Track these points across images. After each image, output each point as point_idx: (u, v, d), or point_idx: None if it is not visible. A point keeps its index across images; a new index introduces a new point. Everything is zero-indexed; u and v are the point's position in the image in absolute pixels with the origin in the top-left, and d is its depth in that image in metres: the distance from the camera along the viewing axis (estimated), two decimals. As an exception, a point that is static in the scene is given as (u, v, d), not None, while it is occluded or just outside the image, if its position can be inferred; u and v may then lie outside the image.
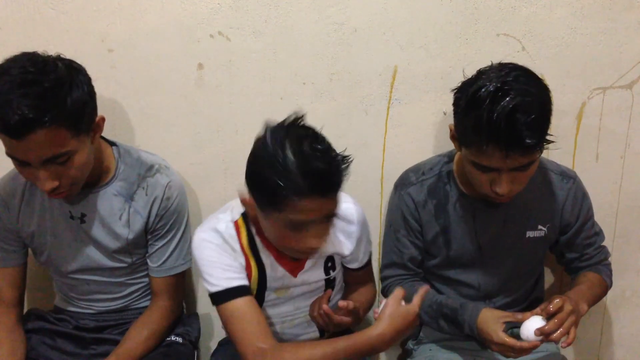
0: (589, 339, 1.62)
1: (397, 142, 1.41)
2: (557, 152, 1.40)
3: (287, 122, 1.00)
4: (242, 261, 1.11)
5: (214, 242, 1.09)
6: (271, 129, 0.98)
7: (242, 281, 1.09)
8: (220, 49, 1.32)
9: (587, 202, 1.29)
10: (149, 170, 1.23)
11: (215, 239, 1.10)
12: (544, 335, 1.07)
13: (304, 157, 0.93)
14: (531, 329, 1.08)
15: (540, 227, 1.26)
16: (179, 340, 1.29)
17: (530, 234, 1.26)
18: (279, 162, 0.93)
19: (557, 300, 1.10)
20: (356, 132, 1.39)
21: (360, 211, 1.18)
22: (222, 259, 1.09)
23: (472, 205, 1.24)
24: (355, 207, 1.17)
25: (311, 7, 1.30)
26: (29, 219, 1.21)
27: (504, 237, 1.26)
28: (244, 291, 1.09)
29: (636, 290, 1.58)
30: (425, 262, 1.32)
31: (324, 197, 0.96)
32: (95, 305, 1.29)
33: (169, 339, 1.29)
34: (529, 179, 1.13)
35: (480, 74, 1.10)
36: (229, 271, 1.09)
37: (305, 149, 0.94)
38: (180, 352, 1.28)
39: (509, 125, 1.01)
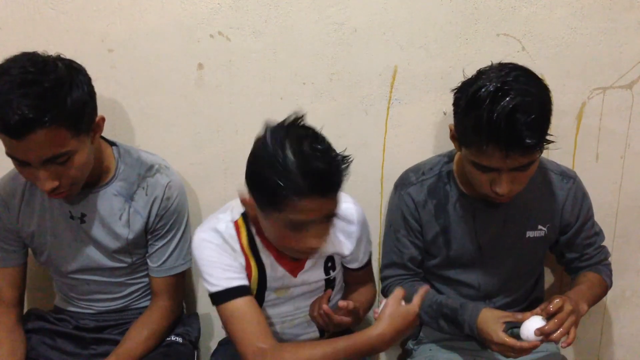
0: (589, 339, 1.61)
1: (397, 142, 1.41)
2: (557, 152, 1.40)
3: (287, 122, 0.99)
4: (242, 261, 1.11)
5: (214, 242, 1.09)
6: (271, 129, 0.98)
7: (242, 281, 1.09)
8: (220, 49, 1.32)
9: (587, 202, 1.29)
10: (149, 170, 1.23)
11: (215, 239, 1.10)
12: (544, 335, 1.07)
13: (304, 157, 0.93)
14: (531, 329, 1.08)
15: (540, 227, 1.26)
16: (179, 340, 1.29)
17: (530, 234, 1.26)
18: (279, 162, 0.93)
19: (557, 300, 1.10)
20: (356, 132, 1.39)
21: (360, 211, 1.18)
22: (222, 259, 1.09)
23: (472, 205, 1.24)
24: (355, 207, 1.17)
25: (311, 7, 1.30)
26: (29, 219, 1.21)
27: (504, 237, 1.26)
28: (243, 291, 1.08)
29: (636, 290, 1.58)
30: (425, 262, 1.32)
31: (324, 197, 0.96)
32: (95, 305, 1.29)
33: (169, 339, 1.28)
34: (529, 178, 1.13)
35: (480, 74, 1.10)
36: (228, 271, 1.09)
37: (305, 149, 0.94)
38: (180, 352, 1.27)
39: (509, 125, 1.01)
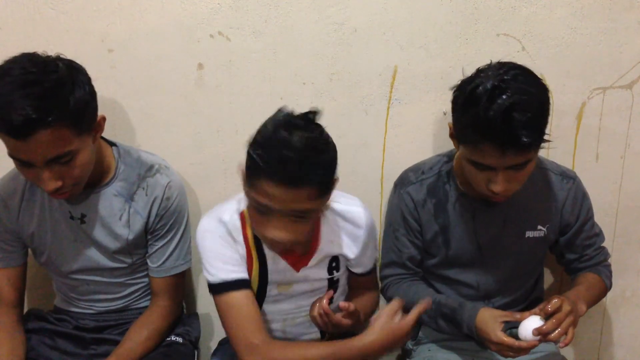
0: (589, 339, 1.61)
1: (397, 142, 1.41)
2: (557, 152, 1.40)
3: (301, 112, 1.00)
4: (243, 252, 1.12)
5: (216, 233, 1.11)
6: (284, 112, 0.99)
7: (240, 274, 1.10)
8: (220, 49, 1.32)
9: (587, 203, 1.29)
10: (149, 170, 1.23)
11: (218, 230, 1.11)
12: (542, 335, 1.06)
13: (284, 142, 0.93)
14: (529, 328, 1.08)
15: (539, 227, 1.26)
16: (179, 340, 1.29)
17: (529, 234, 1.26)
18: (263, 141, 0.96)
19: (556, 300, 1.10)
20: (356, 132, 1.39)
21: (369, 216, 1.17)
22: (222, 250, 1.10)
23: (472, 205, 1.24)
24: (364, 212, 1.16)
25: (311, 7, 1.30)
26: (29, 220, 1.21)
27: (503, 237, 1.26)
28: (241, 284, 1.10)
29: (636, 290, 1.58)
30: (424, 261, 1.32)
31: (289, 187, 0.94)
32: (95, 305, 1.29)
33: (169, 339, 1.29)
34: (526, 178, 1.12)
35: (479, 72, 1.10)
36: (228, 264, 1.10)
37: (291, 136, 0.94)
38: (180, 352, 1.28)
39: (505, 123, 1.01)
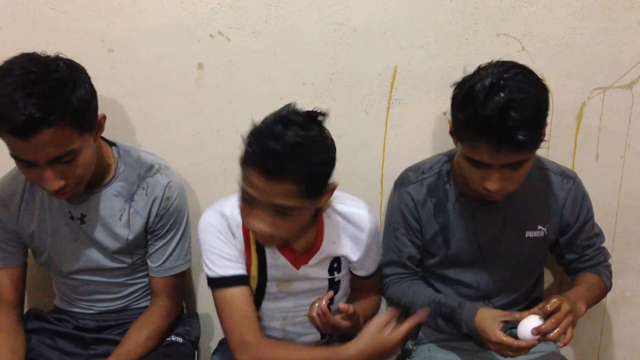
0: (589, 339, 1.61)
1: (397, 142, 1.41)
2: (557, 152, 1.41)
3: (305, 110, 1.00)
4: (242, 248, 1.13)
5: (216, 228, 1.11)
6: (289, 108, 0.99)
7: (238, 270, 1.12)
8: (220, 49, 1.32)
9: (587, 203, 1.29)
10: (149, 170, 1.23)
11: (218, 224, 1.11)
12: (541, 334, 1.07)
13: (275, 136, 0.94)
14: (528, 328, 1.08)
15: (539, 227, 1.26)
16: (179, 340, 1.29)
17: (529, 234, 1.26)
18: (258, 131, 0.97)
19: (555, 299, 1.10)
20: (356, 132, 1.39)
21: (373, 221, 1.17)
22: (221, 246, 1.11)
23: (472, 204, 1.24)
24: (369, 216, 1.16)
25: (311, 7, 1.30)
26: (29, 220, 1.21)
27: (503, 237, 1.25)
28: (239, 281, 1.11)
29: (636, 290, 1.58)
30: (424, 261, 1.32)
31: (268, 179, 0.95)
32: (95, 305, 1.29)
33: (169, 339, 1.28)
34: (523, 178, 1.12)
35: (479, 70, 1.11)
36: (226, 259, 1.11)
37: (284, 131, 0.94)
38: (180, 352, 1.28)
39: (502, 120, 1.01)
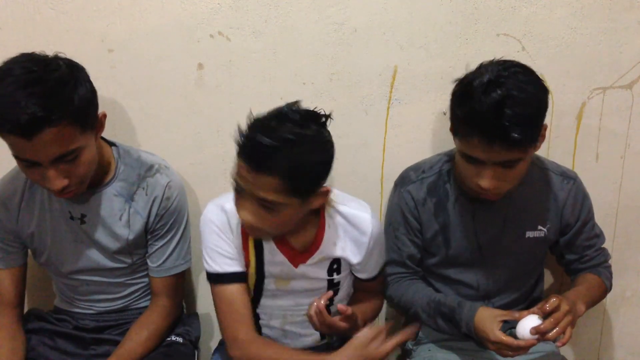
0: (589, 339, 1.61)
1: (397, 142, 1.41)
2: (557, 152, 1.41)
3: (306, 109, 1.01)
4: (240, 243, 1.13)
5: (215, 224, 1.13)
6: (292, 105, 1.01)
7: (235, 268, 1.13)
8: (220, 49, 1.31)
9: (588, 203, 1.29)
10: (149, 170, 1.23)
11: (217, 219, 1.13)
12: (540, 334, 1.07)
13: (267, 129, 0.96)
14: (527, 327, 1.08)
15: (540, 227, 1.26)
16: (179, 340, 1.29)
17: (530, 234, 1.26)
18: (253, 123, 0.99)
19: (554, 299, 1.10)
20: (356, 132, 1.39)
21: (376, 225, 1.16)
22: (220, 243, 1.13)
23: (472, 204, 1.24)
24: (372, 220, 1.15)
25: (311, 7, 1.30)
26: (29, 220, 1.21)
27: (503, 237, 1.25)
28: (235, 278, 1.13)
29: (636, 290, 1.58)
30: (424, 260, 1.32)
31: (252, 171, 0.97)
32: (95, 305, 1.29)
33: (169, 339, 1.28)
34: (518, 178, 1.13)
35: (480, 66, 1.11)
36: (225, 257, 1.13)
37: (278, 126, 0.96)
38: (180, 352, 1.28)
39: (496, 117, 1.02)
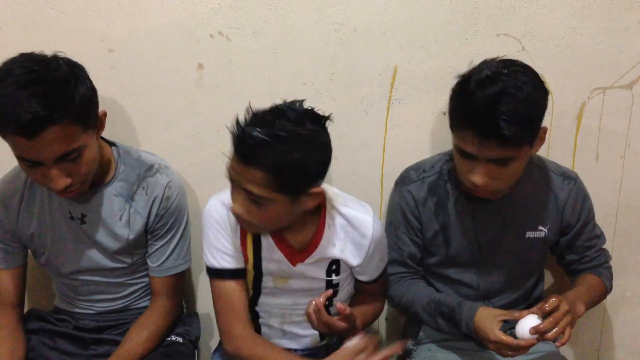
0: (589, 339, 1.61)
1: (397, 142, 1.41)
2: (557, 152, 1.40)
3: (306, 108, 1.02)
4: (237, 239, 1.14)
5: (215, 218, 1.14)
6: (293, 103, 1.02)
7: (234, 264, 1.15)
8: (220, 49, 1.31)
9: (588, 204, 1.29)
10: (149, 170, 1.23)
11: (218, 213, 1.14)
12: (539, 333, 1.07)
13: (261, 124, 0.97)
14: (526, 327, 1.08)
15: (540, 227, 1.26)
16: (180, 340, 1.29)
17: (530, 234, 1.26)
18: (251, 117, 1.00)
19: (553, 299, 1.10)
20: (356, 132, 1.39)
21: (378, 228, 1.16)
22: (220, 239, 1.14)
23: (472, 204, 1.24)
24: (373, 223, 1.14)
25: (311, 7, 1.30)
26: (29, 220, 1.21)
27: (503, 237, 1.26)
28: (233, 274, 1.15)
29: (636, 290, 1.58)
30: (424, 260, 1.32)
31: (239, 162, 0.99)
32: (95, 305, 1.29)
33: (170, 338, 1.28)
34: (513, 178, 1.13)
35: (482, 63, 1.12)
36: (223, 253, 1.14)
37: (273, 122, 0.97)
38: (180, 351, 1.28)
39: (489, 111, 1.02)
